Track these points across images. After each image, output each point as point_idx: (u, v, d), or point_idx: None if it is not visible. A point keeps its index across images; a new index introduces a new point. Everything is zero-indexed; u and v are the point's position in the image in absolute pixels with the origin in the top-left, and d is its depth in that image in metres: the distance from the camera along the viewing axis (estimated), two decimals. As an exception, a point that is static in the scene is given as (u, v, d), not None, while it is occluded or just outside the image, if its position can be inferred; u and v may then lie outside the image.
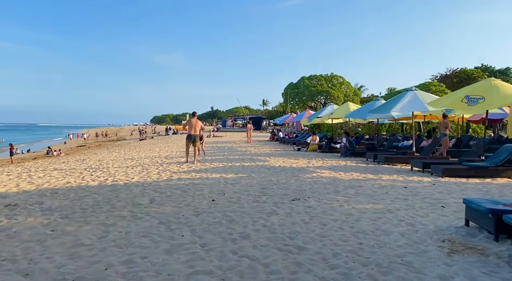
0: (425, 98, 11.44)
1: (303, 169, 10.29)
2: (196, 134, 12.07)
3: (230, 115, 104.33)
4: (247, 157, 14.20)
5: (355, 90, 66.84)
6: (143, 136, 45.99)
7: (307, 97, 65.74)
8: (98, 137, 67.35)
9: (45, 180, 9.00)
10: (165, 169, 10.71)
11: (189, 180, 8.40)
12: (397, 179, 8.38)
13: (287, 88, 68.64)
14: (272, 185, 7.56)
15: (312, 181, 7.97)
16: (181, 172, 9.89)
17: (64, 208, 5.76)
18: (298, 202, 5.87)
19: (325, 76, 65.45)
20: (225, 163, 11.91)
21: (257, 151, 18.17)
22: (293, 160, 12.87)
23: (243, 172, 9.60)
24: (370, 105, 14.53)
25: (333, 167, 10.79)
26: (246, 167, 10.73)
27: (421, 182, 7.95)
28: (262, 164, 11.67)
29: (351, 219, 4.81)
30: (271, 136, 31.03)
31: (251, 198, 6.24)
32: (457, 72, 52.66)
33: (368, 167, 10.73)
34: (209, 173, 9.45)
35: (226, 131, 55.42)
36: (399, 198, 6.09)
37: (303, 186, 7.31)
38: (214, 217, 4.99)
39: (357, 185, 7.41)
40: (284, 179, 8.36)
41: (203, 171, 10.03)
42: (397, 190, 6.92)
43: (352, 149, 14.17)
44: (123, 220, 4.97)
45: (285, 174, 9.13)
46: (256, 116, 70.35)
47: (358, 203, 5.78)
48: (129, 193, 6.87)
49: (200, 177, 8.79)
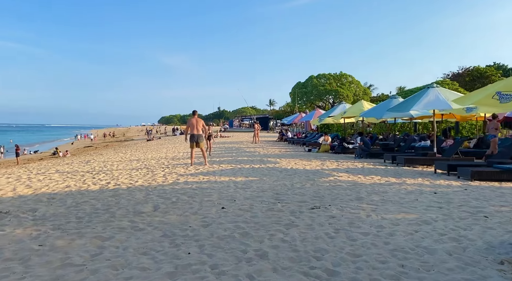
0: (447, 96, 10.70)
1: (317, 171, 9.64)
2: (199, 133, 11.42)
3: (237, 115, 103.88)
4: (256, 158, 13.58)
5: (364, 89, 65.81)
6: (150, 137, 45.66)
7: (315, 97, 64.90)
8: (106, 137, 67.36)
9: (44, 183, 8.48)
10: (171, 171, 10.13)
11: (197, 183, 7.81)
12: (423, 182, 7.68)
13: (294, 88, 67.86)
14: (286, 190, 6.93)
15: (330, 186, 7.31)
16: (188, 174, 9.30)
17: (59, 216, 5.19)
18: (319, 210, 5.23)
19: (334, 75, 64.54)
20: (234, 165, 11.31)
21: (266, 151, 17.54)
22: (305, 162, 12.22)
23: (254, 175, 8.98)
24: (387, 103, 13.81)
25: (350, 169, 10.11)
26: (256, 169, 10.10)
27: (450, 186, 7.25)
28: (273, 166, 11.04)
29: (383, 232, 4.16)
30: (279, 137, 30.36)
31: (265, 205, 5.61)
32: (470, 71, 51.53)
33: (387, 170, 10.03)
34: (218, 176, 8.84)
35: (233, 131, 54.91)
36: (432, 206, 5.42)
37: (321, 191, 6.66)
38: (225, 229, 4.37)
39: (381, 191, 6.74)
40: (298, 183, 7.72)
41: (211, 173, 9.44)
42: (427, 196, 6.24)
43: (367, 149, 13.46)
44: (122, 232, 4.38)
45: (299, 177, 8.49)
46: (263, 116, 69.72)
47: (387, 212, 5.12)
48: (131, 199, 6.29)
49: (208, 180, 8.19)
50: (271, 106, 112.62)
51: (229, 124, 74.55)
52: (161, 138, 45.01)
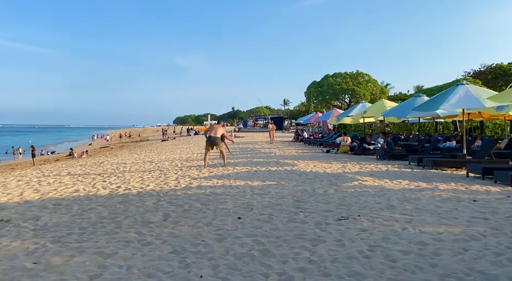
0: (479, 93, 9.93)
1: (340, 175, 9.03)
2: (216, 136, 11.12)
3: (251, 115, 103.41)
4: (272, 160, 13.04)
5: (382, 88, 64.39)
6: (165, 137, 45.62)
7: (331, 96, 63.84)
8: (122, 138, 67.94)
9: (53, 187, 8.15)
10: (184, 173, 9.69)
11: (211, 188, 7.32)
12: (457, 188, 7.00)
13: (310, 87, 66.93)
14: (308, 196, 6.36)
15: (355, 192, 6.71)
16: (201, 178, 8.83)
17: (61, 226, 4.78)
18: (347, 221, 4.65)
19: (350, 74, 63.36)
20: (249, 167, 10.79)
21: (282, 152, 16.97)
22: (325, 164, 11.60)
23: (271, 179, 8.44)
24: (411, 102, 13.05)
25: (374, 172, 9.46)
26: (273, 172, 9.56)
27: (490, 192, 6.55)
28: (291, 168, 10.47)
29: (427, 251, 3.56)
30: (294, 137, 29.70)
31: (286, 215, 5.07)
32: (492, 68, 49.69)
33: (415, 173, 9.34)
34: (233, 180, 8.34)
35: (248, 131, 54.46)
36: (476, 217, 4.77)
37: (347, 199, 6.07)
38: (242, 244, 3.85)
39: (413, 198, 6.10)
40: (320, 188, 7.14)
41: (225, 176, 8.94)
42: (466, 204, 5.58)
43: (390, 151, 12.75)
44: (127, 246, 3.91)
45: (321, 182, 7.90)
46: (277, 116, 69.02)
47: (425, 224, 4.50)
48: (140, 206, 5.84)
49: (223, 185, 7.69)
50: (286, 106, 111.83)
51: (243, 124, 74.15)
52: (175, 138, 44.93)
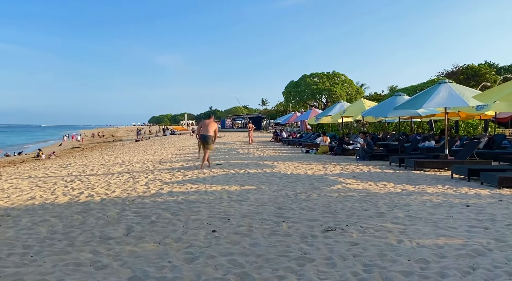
0: (462, 92, 9.72)
1: (321, 177, 8.56)
2: (208, 134, 10.50)
3: (229, 115, 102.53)
4: (251, 162, 12.48)
5: (357, 89, 65.13)
6: (139, 138, 44.23)
7: (309, 96, 64.01)
8: (94, 138, 65.68)
9: (6, 194, 7.27)
10: (155, 177, 8.98)
11: (183, 194, 6.67)
12: (446, 191, 6.65)
13: (287, 87, 66.89)
14: (290, 202, 5.83)
15: (340, 196, 6.23)
16: (174, 182, 8.16)
17: (1, 245, 4.03)
18: (335, 233, 4.14)
19: (327, 74, 63.72)
20: (227, 170, 10.18)
21: (261, 153, 16.44)
22: (305, 165, 11.14)
23: (250, 183, 7.87)
24: (391, 101, 12.80)
25: (356, 174, 9.05)
26: (253, 175, 9.00)
27: (480, 196, 6.22)
28: (271, 170, 9.94)
29: (430, 271, 3.08)
30: (273, 137, 29.27)
31: (267, 226, 4.50)
32: (464, 69, 51.09)
33: (398, 174, 9.00)
34: (208, 184, 7.71)
35: (226, 131, 53.67)
36: (475, 226, 4.36)
37: (332, 205, 5.58)
38: (217, 267, 3.26)
39: (403, 203, 5.68)
40: (303, 192, 6.63)
41: (201, 180, 8.30)
42: (460, 210, 5.20)
43: (371, 151, 12.44)
44: (77, 271, 3.24)
45: (303, 186, 7.40)
46: (256, 116, 68.57)
47: (422, 235, 4.05)
48: (101, 217, 5.14)
49: (197, 190, 7.06)
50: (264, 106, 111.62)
51: (221, 124, 73.31)
52: (150, 138, 43.65)
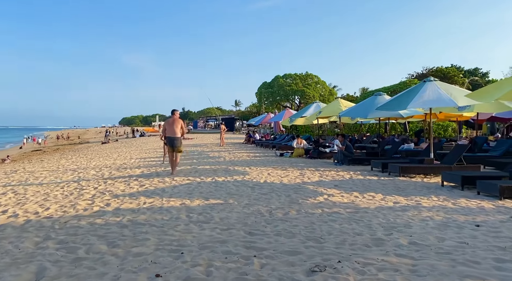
0: (449, 91, 8.96)
1: (299, 187, 7.48)
2: (176, 136, 9.25)
3: (202, 116, 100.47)
4: (221, 167, 11.27)
5: (330, 90, 65.14)
6: (106, 140, 42.03)
7: (282, 97, 63.36)
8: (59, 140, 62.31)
9: None
10: (106, 188, 7.62)
11: (132, 213, 5.39)
12: (444, 205, 5.72)
13: (260, 88, 65.99)
14: (264, 223, 4.69)
15: (324, 214, 5.15)
16: (126, 195, 6.84)
17: None
18: (325, 276, 3.03)
19: (300, 75, 63.31)
20: (192, 177, 8.94)
21: (232, 156, 15.26)
22: (280, 171, 10.05)
23: (217, 195, 6.68)
24: (371, 101, 11.97)
25: (338, 182, 8.05)
26: (221, 185, 7.80)
27: (485, 210, 5.33)
28: (242, 178, 8.78)
29: None
30: (246, 139, 28.17)
31: (232, 264, 3.33)
32: (433, 71, 52.06)
33: (383, 182, 8.08)
34: (166, 198, 6.45)
35: (197, 133, 52.22)
36: (504, 259, 3.36)
37: (316, 227, 4.48)
38: None
39: (400, 223, 4.66)
40: (279, 208, 5.51)
41: (158, 192, 7.02)
42: (471, 232, 4.23)
43: (350, 155, 11.53)
44: None
45: (279, 198, 6.28)
46: (229, 117, 67.27)
47: (440, 276, 3.01)
48: (9, 251, 3.80)
49: (151, 206, 5.79)
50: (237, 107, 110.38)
51: (193, 125, 71.54)
52: (118, 140, 41.53)
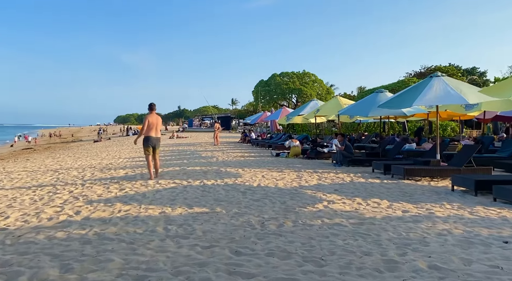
0: (459, 87, 8.28)
1: (296, 192, 6.77)
2: (158, 136, 8.61)
3: (198, 114, 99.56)
4: (212, 168, 10.55)
5: (327, 89, 64.55)
6: (98, 138, 41.25)
7: (279, 96, 62.69)
8: (52, 138, 61.30)
9: None
10: (81, 192, 6.88)
11: (102, 224, 4.65)
12: (460, 214, 5.03)
13: (257, 86, 65.29)
14: (254, 238, 3.97)
15: (325, 226, 4.44)
16: (101, 201, 6.10)
17: None
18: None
19: (297, 74, 62.68)
20: (179, 180, 8.21)
21: (225, 157, 14.53)
22: (276, 173, 9.34)
23: (202, 202, 5.95)
24: (372, 99, 11.28)
25: (338, 186, 7.35)
26: (209, 189, 7.08)
27: (508, 221, 4.63)
28: (234, 181, 8.05)
29: None
30: (242, 138, 27.46)
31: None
32: (432, 70, 51.59)
33: (388, 186, 7.39)
34: (145, 205, 5.72)
35: (192, 131, 51.37)
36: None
37: (315, 244, 3.77)
38: None
39: (414, 238, 3.96)
40: (273, 219, 4.79)
41: (138, 198, 6.29)
42: (501, 251, 3.54)
43: (350, 156, 10.84)
44: None
45: (273, 206, 5.57)
46: (225, 116, 66.54)
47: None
48: None
49: (125, 216, 5.05)
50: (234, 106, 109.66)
51: (189, 124, 70.68)
52: (111, 139, 40.73)
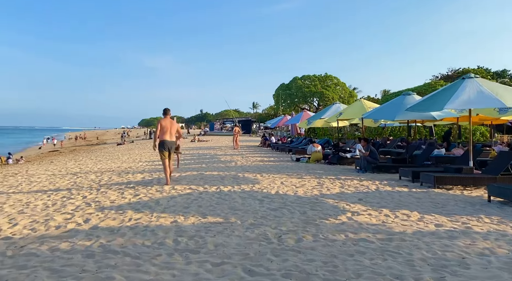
0: (494, 89, 7.65)
1: (317, 201, 6.34)
2: (172, 140, 8.33)
3: (219, 118, 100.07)
4: (230, 173, 10.24)
5: (350, 92, 63.40)
6: (122, 141, 41.99)
7: (300, 99, 62.06)
8: (77, 140, 63.13)
9: None
10: (95, 198, 6.71)
11: (110, 234, 4.39)
12: (504, 231, 4.47)
13: (278, 89, 64.92)
14: (269, 256, 3.59)
15: (349, 242, 4.02)
16: (112, 208, 5.88)
17: None
18: None
19: (318, 77, 61.89)
20: (195, 186, 7.93)
21: (245, 161, 14.22)
22: (295, 180, 8.93)
23: (217, 211, 5.62)
24: (399, 102, 10.70)
25: (362, 195, 6.87)
26: (225, 197, 6.75)
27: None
28: (251, 188, 7.70)
29: None
30: (262, 141, 27.09)
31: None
32: (459, 73, 49.74)
33: (417, 195, 6.85)
34: (158, 213, 5.44)
35: (214, 135, 51.47)
36: None
37: (339, 265, 3.36)
38: None
39: (452, 258, 3.49)
40: (291, 232, 4.40)
41: (151, 205, 6.03)
42: (559, 279, 3.04)
43: (375, 162, 10.28)
44: None
45: (291, 217, 5.17)
46: (245, 119, 66.44)
47: None
48: None
49: (135, 225, 4.78)
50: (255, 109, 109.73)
51: (210, 128, 70.94)
52: (134, 142, 41.30)
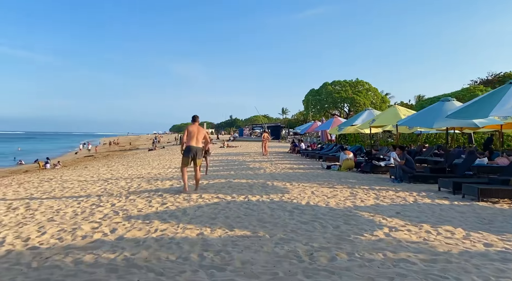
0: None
1: (350, 213, 5.98)
2: (199, 146, 8.25)
3: (248, 123, 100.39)
4: (258, 181, 10.02)
5: (382, 97, 61.70)
6: (153, 146, 42.89)
7: (330, 105, 61.10)
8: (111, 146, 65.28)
9: None
10: (123, 206, 6.68)
11: (134, 245, 4.27)
12: None
13: (308, 95, 64.28)
14: (299, 277, 3.31)
15: (388, 262, 3.67)
16: (139, 216, 5.79)
17: None
18: None
19: (349, 82, 60.73)
20: (223, 195, 7.76)
21: (273, 168, 13.95)
22: (327, 189, 8.57)
23: (244, 223, 5.39)
24: (437, 108, 10.09)
25: (400, 208, 6.43)
26: (253, 206, 6.52)
27: None
28: (280, 198, 7.43)
29: None
30: (291, 148, 26.75)
31: None
32: (500, 77, 47.09)
33: (460, 209, 6.33)
34: (184, 224, 5.29)
35: (243, 140, 51.59)
36: None
37: (377, 289, 3.05)
38: None
39: (511, 289, 3.09)
40: (324, 249, 4.10)
41: (178, 214, 5.90)
42: None
43: (411, 171, 9.73)
44: None
45: (324, 232, 4.86)
46: (274, 125, 66.11)
47: None
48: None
49: (161, 236, 4.65)
50: (284, 115, 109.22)
51: (239, 133, 71.21)
52: (164, 147, 42.08)
